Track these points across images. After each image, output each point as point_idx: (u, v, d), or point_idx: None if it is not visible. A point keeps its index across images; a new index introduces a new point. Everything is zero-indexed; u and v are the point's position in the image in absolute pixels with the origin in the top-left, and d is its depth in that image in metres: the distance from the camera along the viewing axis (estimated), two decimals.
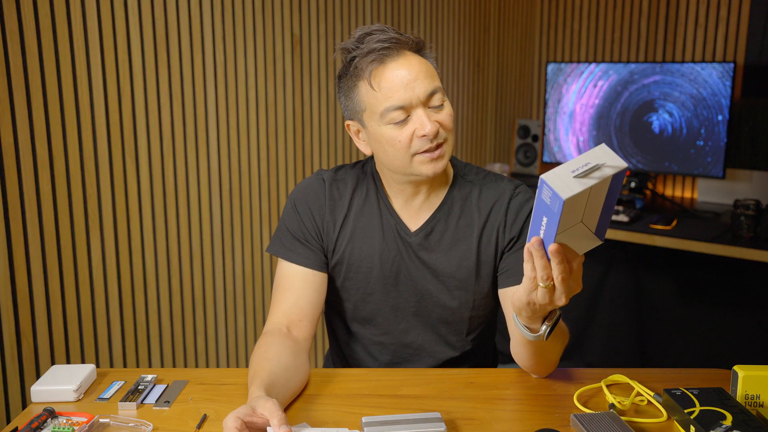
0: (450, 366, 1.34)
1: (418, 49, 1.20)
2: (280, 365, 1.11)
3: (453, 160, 1.33)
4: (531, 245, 0.91)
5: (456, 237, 1.27)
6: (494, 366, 1.47)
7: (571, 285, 0.94)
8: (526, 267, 0.94)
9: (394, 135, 1.17)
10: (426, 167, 1.18)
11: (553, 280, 0.93)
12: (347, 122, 1.26)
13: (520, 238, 1.25)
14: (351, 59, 1.19)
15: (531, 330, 1.06)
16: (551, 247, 0.89)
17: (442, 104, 1.19)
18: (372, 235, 1.28)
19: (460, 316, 1.30)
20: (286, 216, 1.32)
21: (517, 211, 1.26)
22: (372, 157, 1.32)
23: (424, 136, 1.15)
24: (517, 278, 1.22)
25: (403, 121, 1.16)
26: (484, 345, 1.40)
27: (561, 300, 0.95)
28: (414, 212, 1.28)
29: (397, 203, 1.29)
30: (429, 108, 1.17)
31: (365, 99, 1.18)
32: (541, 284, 0.94)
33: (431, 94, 1.17)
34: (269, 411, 0.93)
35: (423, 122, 1.15)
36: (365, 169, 1.33)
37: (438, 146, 1.18)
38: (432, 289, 1.28)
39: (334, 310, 1.39)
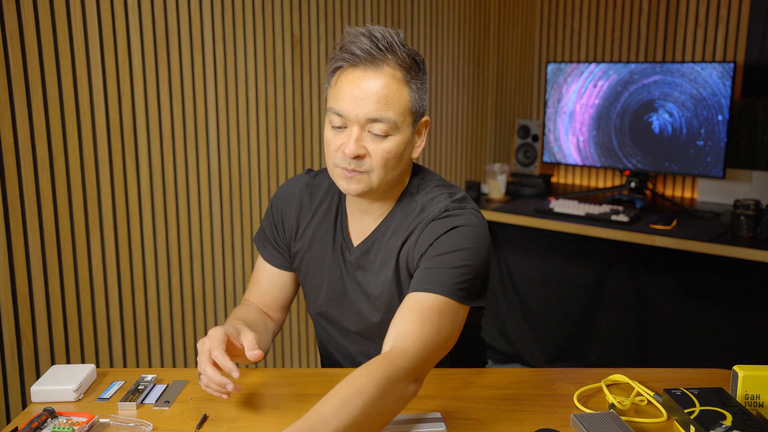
0: None
1: (407, 71, 1.11)
2: (261, 322, 1.24)
3: (414, 175, 1.25)
4: None
5: (386, 257, 1.21)
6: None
7: None
8: None
9: (329, 136, 1.15)
10: (341, 182, 1.15)
11: None
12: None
13: (426, 253, 1.14)
14: (342, 42, 1.15)
15: None
16: None
17: (385, 137, 1.11)
18: (324, 249, 1.28)
19: None
20: (267, 213, 1.37)
21: (430, 234, 1.14)
22: None
23: (344, 153, 1.11)
24: (418, 285, 1.10)
25: (340, 129, 1.13)
26: (452, 359, 1.29)
27: None
28: (362, 229, 1.25)
29: (353, 218, 1.26)
30: (369, 133, 1.11)
31: (328, 90, 1.17)
32: None
33: (372, 120, 1.10)
34: (247, 340, 1.07)
35: (348, 141, 1.11)
36: None
37: (355, 171, 1.12)
38: (365, 310, 1.25)
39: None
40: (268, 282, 1.34)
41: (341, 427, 0.88)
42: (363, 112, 1.09)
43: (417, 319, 1.04)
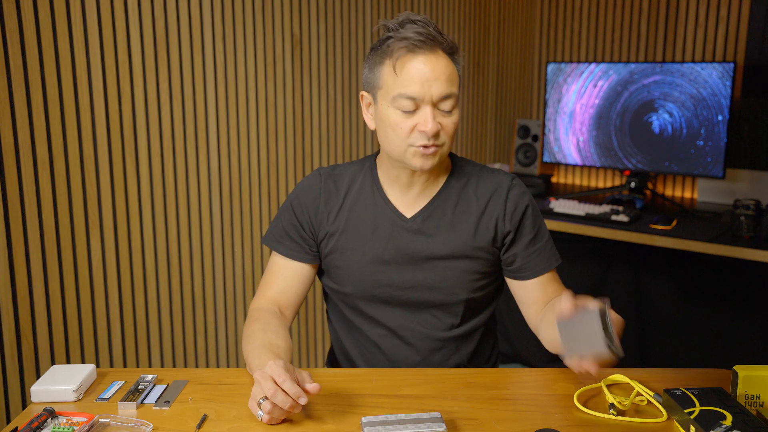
0: (445, 352, 1.36)
1: (451, 52, 1.24)
2: (285, 340, 1.21)
3: (451, 155, 1.38)
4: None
5: (453, 223, 1.31)
6: (494, 365, 1.48)
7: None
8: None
9: (398, 121, 1.22)
10: (416, 160, 1.24)
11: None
12: (362, 93, 1.31)
13: (519, 230, 1.32)
14: (387, 38, 1.23)
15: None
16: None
17: (451, 111, 1.23)
18: (365, 225, 1.33)
19: (456, 299, 1.33)
20: (283, 211, 1.39)
21: (515, 202, 1.33)
22: (372, 155, 1.39)
23: (423, 132, 1.20)
24: (531, 273, 1.34)
25: (411, 112, 1.21)
26: (481, 339, 1.41)
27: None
28: (410, 202, 1.33)
29: (393, 194, 1.33)
30: (438, 109, 1.22)
31: (385, 78, 1.23)
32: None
33: (444, 98, 1.21)
34: (302, 376, 1.05)
35: (426, 119, 1.20)
36: (364, 163, 1.38)
37: (434, 146, 1.22)
38: (425, 274, 1.31)
39: (333, 304, 1.41)
40: (291, 276, 1.36)
41: None
42: (437, 91, 1.20)
43: (561, 288, 1.36)
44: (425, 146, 1.22)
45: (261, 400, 1.02)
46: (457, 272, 1.31)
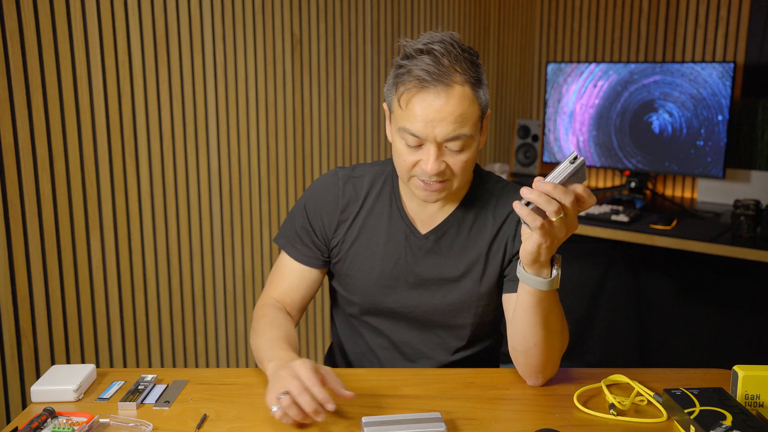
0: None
1: (473, 84, 1.13)
2: (292, 334, 1.21)
3: (474, 168, 1.30)
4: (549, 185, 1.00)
5: (467, 244, 1.27)
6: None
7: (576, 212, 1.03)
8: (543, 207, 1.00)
9: (402, 151, 1.16)
10: (419, 192, 1.19)
11: (565, 209, 1.00)
12: (384, 103, 1.24)
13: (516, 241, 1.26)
14: (401, 65, 1.14)
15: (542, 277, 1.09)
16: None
17: (461, 150, 1.14)
18: (378, 236, 1.29)
19: (462, 322, 1.29)
20: (296, 212, 1.34)
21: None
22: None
23: (425, 170, 1.14)
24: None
25: (415, 147, 1.14)
26: (488, 355, 1.39)
27: (573, 226, 1.03)
28: (427, 217, 1.28)
29: (411, 206, 1.28)
30: (446, 148, 1.14)
31: (394, 105, 1.16)
32: (555, 219, 1.00)
33: (450, 140, 1.12)
34: (332, 378, 1.04)
35: (428, 160, 1.13)
36: (386, 167, 1.33)
37: (438, 182, 1.16)
38: (433, 294, 1.28)
39: (338, 306, 1.40)
40: (298, 280, 1.33)
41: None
42: (441, 133, 1.11)
43: None
44: (426, 182, 1.16)
45: (281, 395, 0.99)
46: (465, 296, 1.27)
